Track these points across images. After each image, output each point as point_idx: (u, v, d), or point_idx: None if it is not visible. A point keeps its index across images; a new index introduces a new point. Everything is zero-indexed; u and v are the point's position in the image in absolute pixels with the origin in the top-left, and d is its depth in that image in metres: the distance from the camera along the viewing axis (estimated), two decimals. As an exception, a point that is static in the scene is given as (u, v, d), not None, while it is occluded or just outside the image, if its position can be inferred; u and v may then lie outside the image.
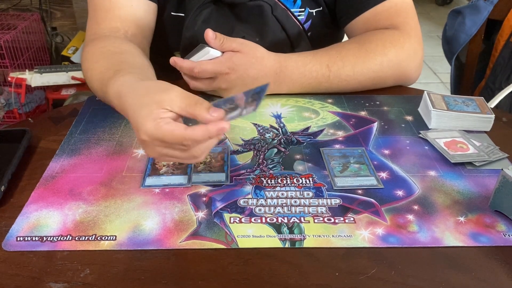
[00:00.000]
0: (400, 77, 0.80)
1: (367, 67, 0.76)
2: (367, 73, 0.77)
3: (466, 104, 0.71)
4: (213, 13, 0.81)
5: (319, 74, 0.75)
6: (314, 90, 0.77)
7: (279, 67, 0.74)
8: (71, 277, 0.45)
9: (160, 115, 0.50)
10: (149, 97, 0.52)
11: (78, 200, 0.55)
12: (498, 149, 0.65)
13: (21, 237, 0.50)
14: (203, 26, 0.79)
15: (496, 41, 1.26)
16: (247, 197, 0.56)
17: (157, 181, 0.58)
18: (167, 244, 0.49)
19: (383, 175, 0.60)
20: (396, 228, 0.51)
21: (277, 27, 0.84)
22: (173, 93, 0.51)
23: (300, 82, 0.76)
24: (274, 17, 0.82)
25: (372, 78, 0.78)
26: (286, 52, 0.78)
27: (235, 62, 0.70)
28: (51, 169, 0.60)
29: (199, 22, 0.81)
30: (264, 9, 0.81)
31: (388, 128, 0.70)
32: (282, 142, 0.66)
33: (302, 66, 0.75)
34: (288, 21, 0.84)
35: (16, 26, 1.99)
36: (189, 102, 0.51)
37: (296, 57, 0.76)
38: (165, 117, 0.50)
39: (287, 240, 0.50)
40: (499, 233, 0.51)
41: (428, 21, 3.44)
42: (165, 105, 0.50)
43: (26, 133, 0.64)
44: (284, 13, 0.83)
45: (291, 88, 0.77)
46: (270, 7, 0.81)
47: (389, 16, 0.81)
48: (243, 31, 0.82)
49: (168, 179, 0.58)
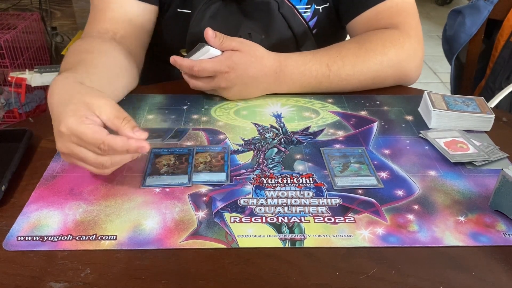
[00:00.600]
0: (400, 76, 0.80)
1: (367, 66, 0.76)
2: (367, 72, 0.77)
3: (466, 104, 0.71)
4: (220, 9, 0.81)
5: (319, 74, 0.75)
6: (314, 89, 0.77)
7: (278, 66, 0.74)
8: (71, 277, 0.45)
9: (86, 115, 0.51)
10: (80, 97, 0.53)
11: (79, 199, 0.55)
12: (498, 149, 0.65)
13: (22, 237, 0.50)
14: (210, 22, 0.79)
15: (496, 41, 1.26)
16: (247, 196, 0.56)
17: (158, 180, 0.58)
18: (168, 243, 0.49)
19: (383, 175, 0.60)
20: (396, 227, 0.52)
21: (283, 25, 0.84)
22: (104, 101, 0.53)
23: (300, 82, 0.76)
24: (280, 14, 0.83)
25: (372, 77, 0.78)
26: (292, 50, 0.78)
27: (234, 61, 0.70)
28: (52, 169, 0.60)
29: (206, 17, 0.81)
30: (271, 6, 0.81)
31: (388, 128, 0.70)
32: (282, 142, 0.66)
33: (302, 65, 0.75)
34: (294, 19, 0.84)
35: (16, 26, 1.99)
36: (118, 115, 0.53)
37: (296, 57, 0.76)
38: (91, 118, 0.51)
39: (287, 240, 0.50)
40: (499, 233, 0.51)
41: (428, 21, 3.44)
42: (94, 109, 0.52)
43: (26, 133, 0.64)
44: (291, 11, 0.83)
45: (291, 87, 0.77)
46: (277, 4, 0.82)
47: (390, 15, 0.81)
48: (250, 28, 0.82)
49: (169, 178, 0.58)
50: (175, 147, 0.63)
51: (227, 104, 0.76)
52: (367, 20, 0.83)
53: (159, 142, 0.53)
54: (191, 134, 0.67)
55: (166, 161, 0.61)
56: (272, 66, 0.74)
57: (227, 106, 0.75)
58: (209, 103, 0.76)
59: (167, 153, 0.62)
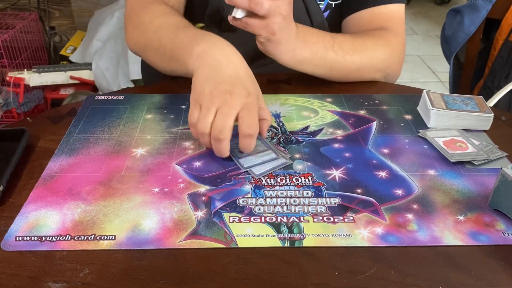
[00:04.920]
0: (385, 70, 0.84)
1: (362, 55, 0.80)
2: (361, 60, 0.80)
3: (465, 103, 0.71)
4: None
5: (326, 41, 0.77)
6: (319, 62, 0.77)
7: (299, 27, 0.75)
8: (70, 277, 0.45)
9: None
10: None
11: (77, 199, 0.55)
12: (497, 148, 0.65)
13: (20, 237, 0.49)
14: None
15: (495, 40, 1.26)
16: (246, 196, 0.56)
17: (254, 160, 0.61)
18: (167, 243, 0.49)
19: (382, 174, 0.60)
20: (396, 227, 0.51)
21: (302, 9, 0.85)
22: None
23: (311, 48, 0.76)
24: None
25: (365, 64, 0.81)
26: None
27: (288, 10, 0.69)
28: (50, 169, 0.60)
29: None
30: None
31: (387, 127, 0.70)
32: (281, 141, 0.66)
33: (315, 31, 0.77)
34: (313, 5, 0.86)
35: (14, 25, 1.99)
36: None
37: (307, 28, 0.78)
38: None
39: (286, 240, 0.50)
40: (498, 232, 0.51)
41: (427, 20, 3.44)
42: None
43: (24, 132, 0.64)
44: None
45: (303, 52, 0.76)
46: None
47: (382, 19, 0.86)
48: None
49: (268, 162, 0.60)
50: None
51: (226, 103, 0.76)
52: (361, 19, 0.86)
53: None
54: (189, 134, 0.67)
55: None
56: (300, 28, 0.75)
57: (226, 106, 0.75)
58: (207, 102, 0.76)
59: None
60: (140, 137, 0.66)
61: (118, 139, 0.66)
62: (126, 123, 0.70)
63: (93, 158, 0.62)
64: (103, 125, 0.69)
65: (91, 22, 2.18)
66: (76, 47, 2.20)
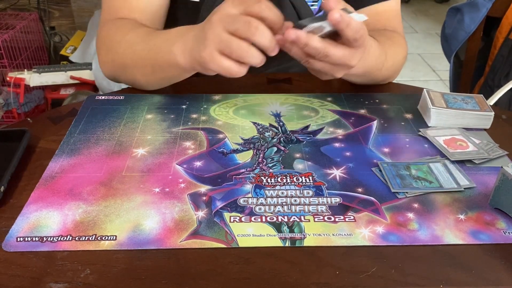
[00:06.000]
0: (395, 73, 0.84)
1: (394, 58, 0.80)
2: (392, 65, 0.80)
3: (465, 102, 0.71)
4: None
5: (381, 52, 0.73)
6: (374, 70, 0.75)
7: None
8: (71, 277, 0.45)
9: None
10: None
11: (78, 200, 0.55)
12: (497, 146, 0.65)
13: (21, 238, 0.50)
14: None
15: (495, 39, 1.26)
16: (247, 196, 0.56)
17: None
18: (167, 243, 0.49)
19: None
20: (396, 226, 0.52)
21: (293, 14, 0.84)
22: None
23: (371, 60, 0.71)
24: (290, 3, 0.83)
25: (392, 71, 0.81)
26: None
27: (363, 35, 0.60)
28: (51, 169, 0.60)
29: (216, 4, 0.81)
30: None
31: (388, 126, 0.70)
32: (281, 141, 0.66)
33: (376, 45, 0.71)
34: (304, 8, 0.85)
35: (14, 25, 1.99)
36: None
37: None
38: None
39: (287, 239, 0.50)
40: (499, 231, 0.51)
41: (427, 18, 3.44)
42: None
43: (25, 133, 0.64)
44: (301, 0, 0.84)
45: (367, 62, 0.70)
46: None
47: (387, 18, 0.85)
48: None
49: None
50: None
51: (226, 103, 0.76)
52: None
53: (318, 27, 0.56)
54: (190, 133, 0.67)
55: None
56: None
57: (226, 105, 0.75)
58: (208, 102, 0.76)
59: None
60: (140, 137, 0.66)
61: (118, 139, 0.66)
62: (127, 123, 0.70)
63: (93, 158, 0.62)
64: (104, 125, 0.69)
65: (91, 22, 2.18)
66: (76, 47, 2.20)
